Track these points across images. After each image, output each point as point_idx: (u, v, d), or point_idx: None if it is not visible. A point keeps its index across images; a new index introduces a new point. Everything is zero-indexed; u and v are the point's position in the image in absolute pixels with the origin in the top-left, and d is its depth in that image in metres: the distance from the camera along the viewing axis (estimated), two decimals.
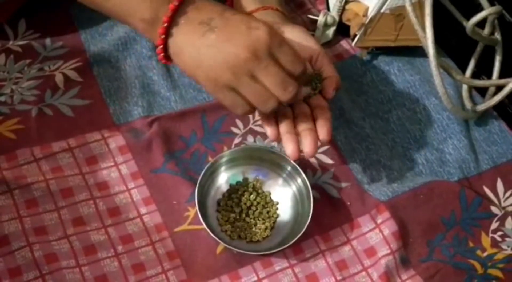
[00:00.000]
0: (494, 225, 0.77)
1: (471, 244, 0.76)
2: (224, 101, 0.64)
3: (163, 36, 0.63)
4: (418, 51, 0.86)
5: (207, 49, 0.62)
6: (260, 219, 0.74)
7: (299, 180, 0.75)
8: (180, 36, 0.63)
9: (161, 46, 0.64)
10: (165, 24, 0.62)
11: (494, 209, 0.78)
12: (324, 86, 0.73)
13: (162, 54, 0.64)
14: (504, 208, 0.79)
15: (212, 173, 0.75)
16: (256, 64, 0.61)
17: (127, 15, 0.65)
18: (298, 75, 0.64)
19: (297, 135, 0.69)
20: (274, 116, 0.70)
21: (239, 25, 0.62)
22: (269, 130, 0.70)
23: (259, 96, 0.63)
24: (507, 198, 0.80)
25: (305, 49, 0.73)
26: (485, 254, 0.75)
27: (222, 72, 0.62)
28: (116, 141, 0.78)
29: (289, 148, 0.69)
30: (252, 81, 0.62)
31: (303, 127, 0.70)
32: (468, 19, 0.81)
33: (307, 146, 0.69)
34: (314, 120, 0.70)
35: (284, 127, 0.70)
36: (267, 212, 0.75)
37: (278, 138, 0.70)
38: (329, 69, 0.73)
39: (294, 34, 0.74)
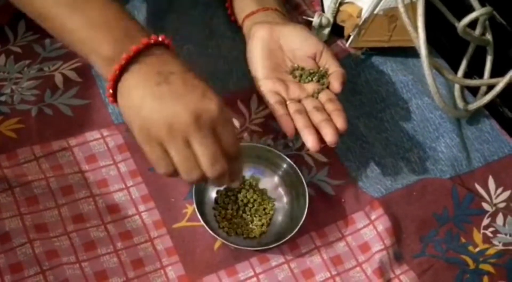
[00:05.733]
0: (486, 221, 0.79)
1: (463, 240, 0.77)
2: (149, 154, 0.60)
3: (117, 72, 0.60)
4: (411, 52, 0.87)
5: (153, 99, 0.58)
6: (256, 215, 0.75)
7: (294, 178, 0.76)
8: (133, 78, 0.60)
9: (112, 82, 0.60)
10: (123, 62, 0.59)
11: (485, 205, 0.80)
12: (331, 81, 0.74)
13: (111, 91, 0.61)
14: (495, 204, 0.80)
15: None
16: (194, 131, 0.58)
17: (90, 51, 0.62)
18: (231, 158, 0.61)
19: (314, 128, 0.70)
20: (288, 113, 0.71)
21: (195, 89, 0.59)
22: (285, 127, 0.71)
23: (186, 162, 0.59)
24: (498, 195, 0.81)
25: (308, 46, 0.75)
26: (477, 249, 0.76)
27: (158, 126, 0.58)
28: (115, 139, 0.79)
29: (309, 141, 0.69)
30: (184, 146, 0.59)
31: (319, 119, 0.71)
32: (459, 20, 0.82)
33: (328, 135, 0.69)
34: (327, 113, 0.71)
35: (300, 122, 0.70)
36: (264, 209, 0.76)
37: (294, 134, 0.70)
38: (334, 64, 0.75)
39: (296, 32, 0.75)
